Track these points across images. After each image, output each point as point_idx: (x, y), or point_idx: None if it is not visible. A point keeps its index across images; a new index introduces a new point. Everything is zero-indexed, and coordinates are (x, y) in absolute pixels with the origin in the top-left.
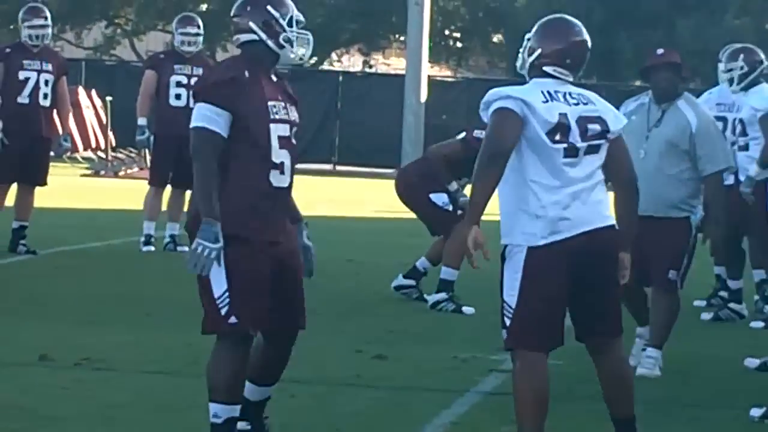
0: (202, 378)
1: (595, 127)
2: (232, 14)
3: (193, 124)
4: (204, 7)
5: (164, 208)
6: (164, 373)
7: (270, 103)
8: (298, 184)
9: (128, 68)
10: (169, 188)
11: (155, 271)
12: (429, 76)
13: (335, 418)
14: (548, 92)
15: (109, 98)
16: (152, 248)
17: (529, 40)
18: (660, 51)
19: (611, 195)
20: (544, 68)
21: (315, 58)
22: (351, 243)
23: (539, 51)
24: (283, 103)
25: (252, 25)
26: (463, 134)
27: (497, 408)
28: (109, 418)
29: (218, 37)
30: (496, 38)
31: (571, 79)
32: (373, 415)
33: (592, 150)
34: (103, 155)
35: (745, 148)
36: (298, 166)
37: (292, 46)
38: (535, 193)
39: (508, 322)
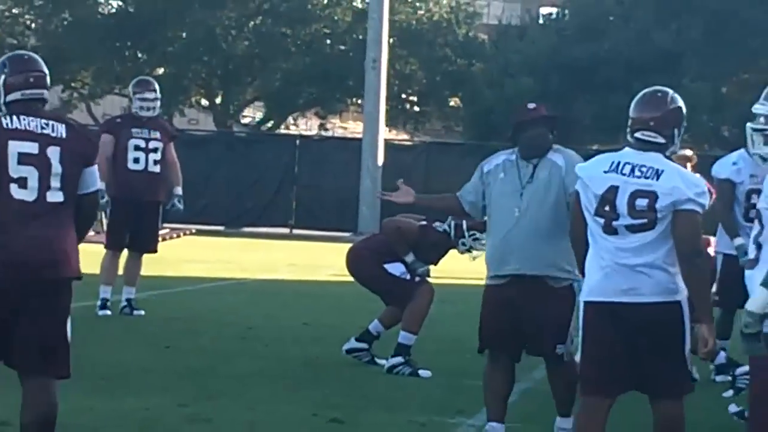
0: None
1: (643, 203)
2: (42, 71)
3: (95, 188)
4: (161, 70)
5: (121, 272)
6: None
7: None
8: (256, 247)
9: None
10: (125, 252)
11: (112, 335)
12: (386, 139)
13: None
14: (617, 162)
15: None
16: (108, 312)
17: None
18: (531, 105)
19: None
20: (635, 135)
21: (272, 122)
22: (307, 306)
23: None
24: None
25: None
26: (423, 222)
27: None
28: None
29: (175, 100)
30: (453, 102)
31: (660, 140)
32: None
33: (642, 228)
34: None
35: None
36: (255, 229)
37: None
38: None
39: None
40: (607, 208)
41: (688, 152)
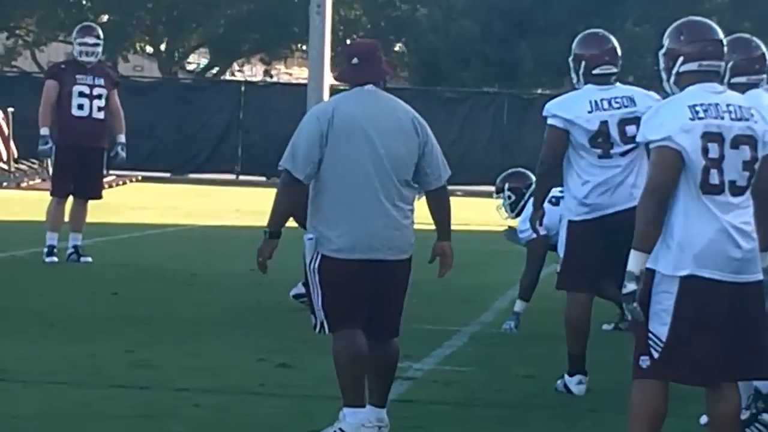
0: (105, 389)
1: (633, 129)
2: None
3: None
4: (105, 17)
5: (67, 218)
6: (67, 384)
7: None
8: (201, 193)
9: (29, 79)
10: (71, 199)
11: (58, 282)
12: (331, 85)
13: (239, 426)
14: (593, 101)
15: (10, 109)
16: (55, 259)
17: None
18: None
19: None
20: (593, 71)
21: (216, 68)
22: (253, 253)
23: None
24: None
25: None
26: None
27: (402, 416)
28: (13, 429)
29: (119, 47)
30: (398, 47)
31: (615, 70)
32: (276, 424)
33: (631, 150)
34: (5, 167)
35: None
36: (201, 175)
37: None
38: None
39: None
40: (600, 140)
41: None
